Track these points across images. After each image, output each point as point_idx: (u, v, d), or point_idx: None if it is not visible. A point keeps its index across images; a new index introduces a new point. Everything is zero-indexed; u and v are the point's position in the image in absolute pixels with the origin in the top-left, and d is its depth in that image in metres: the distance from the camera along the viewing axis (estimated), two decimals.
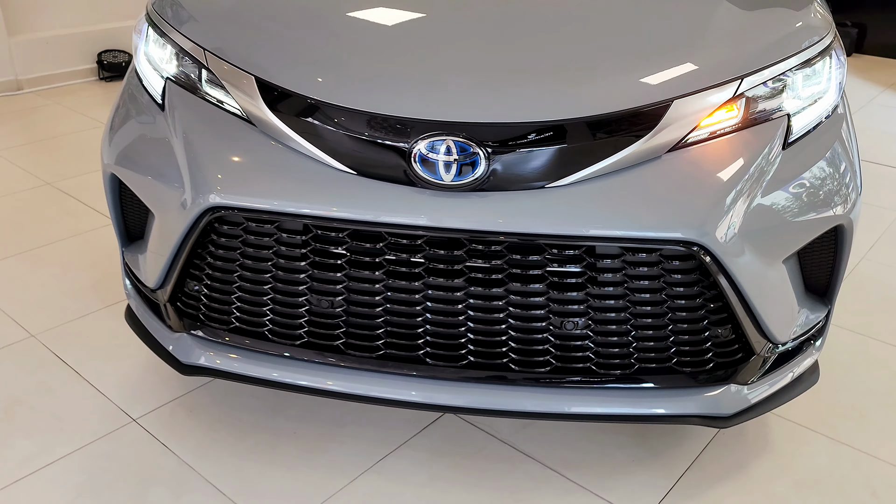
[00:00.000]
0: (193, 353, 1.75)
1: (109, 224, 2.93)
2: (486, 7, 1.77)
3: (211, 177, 1.55)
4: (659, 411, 1.62)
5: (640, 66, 1.52)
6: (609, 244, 1.46)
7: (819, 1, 1.83)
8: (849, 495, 1.79)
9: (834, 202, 1.60)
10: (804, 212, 1.56)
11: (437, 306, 1.56)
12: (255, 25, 1.70)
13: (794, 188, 1.55)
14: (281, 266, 1.59)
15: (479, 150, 1.43)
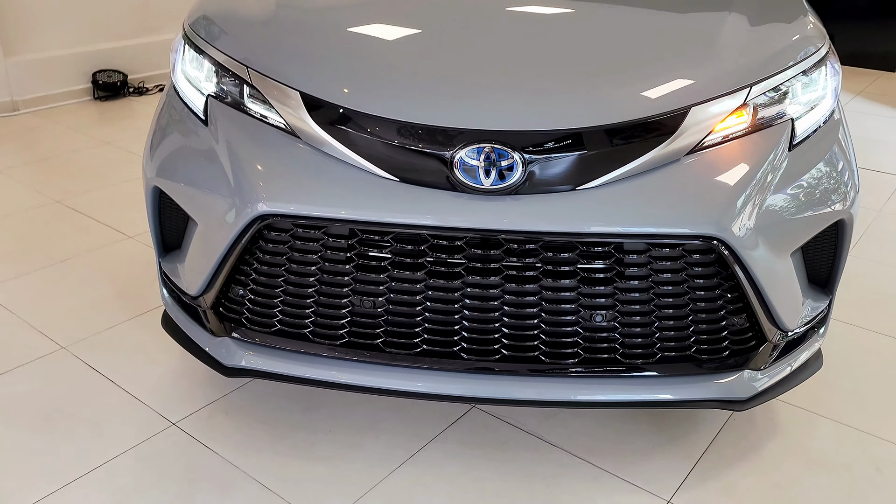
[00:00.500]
0: (236, 355, 1.84)
1: (124, 239, 3.00)
2: (511, 21, 1.89)
3: (260, 187, 1.64)
4: (683, 397, 1.74)
5: (660, 75, 1.65)
6: (636, 241, 1.58)
7: (813, 14, 1.98)
8: (855, 472, 1.92)
9: (835, 199, 1.74)
10: (809, 208, 1.69)
11: (475, 303, 1.67)
12: (297, 43, 1.80)
13: (800, 186, 1.69)
14: (326, 269, 1.69)
15: (516, 157, 1.54)
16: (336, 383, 1.77)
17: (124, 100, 4.86)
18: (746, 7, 1.91)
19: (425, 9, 2.00)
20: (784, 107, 1.72)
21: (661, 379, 1.74)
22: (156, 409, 2.08)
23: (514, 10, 1.95)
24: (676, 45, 1.78)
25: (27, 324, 2.45)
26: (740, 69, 1.69)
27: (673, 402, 1.74)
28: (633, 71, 1.68)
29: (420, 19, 1.91)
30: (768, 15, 1.92)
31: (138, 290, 2.65)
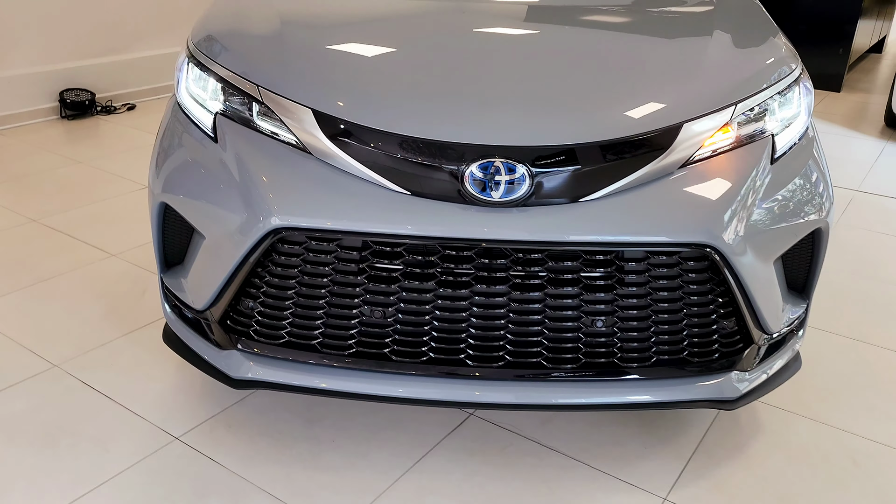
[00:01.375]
0: (244, 367, 1.87)
1: (107, 257, 3.00)
2: (514, 42, 1.99)
3: (274, 201, 1.69)
4: (677, 398, 1.83)
5: (655, 94, 1.76)
6: (636, 249, 1.68)
7: (784, 37, 2.13)
8: (833, 465, 2.04)
9: (813, 209, 1.87)
10: (791, 217, 1.82)
11: (482, 311, 1.74)
12: (308, 62, 1.86)
13: (782, 197, 1.81)
14: (338, 280, 1.74)
15: (523, 170, 1.63)
16: (346, 393, 1.82)
17: (92, 119, 4.82)
18: (726, 30, 2.05)
19: (431, 29, 2.09)
20: (764, 124, 1.85)
21: (656, 381, 1.83)
22: (157, 424, 2.09)
23: (516, 33, 2.05)
24: (667, 66, 1.89)
25: (16, 343, 2.43)
26: (725, 88, 1.81)
27: (667, 403, 1.84)
28: (630, 90, 1.79)
29: (426, 39, 2.00)
30: (746, 38, 2.06)
31: (127, 307, 2.65)
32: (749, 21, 2.19)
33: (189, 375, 2.29)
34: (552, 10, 2.25)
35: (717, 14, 2.18)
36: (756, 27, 2.15)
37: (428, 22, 2.13)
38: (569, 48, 1.98)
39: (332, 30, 2.04)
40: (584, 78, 1.83)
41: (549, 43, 1.99)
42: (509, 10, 2.24)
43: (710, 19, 2.14)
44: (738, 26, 2.13)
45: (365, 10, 2.19)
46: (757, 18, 2.24)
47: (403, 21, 2.14)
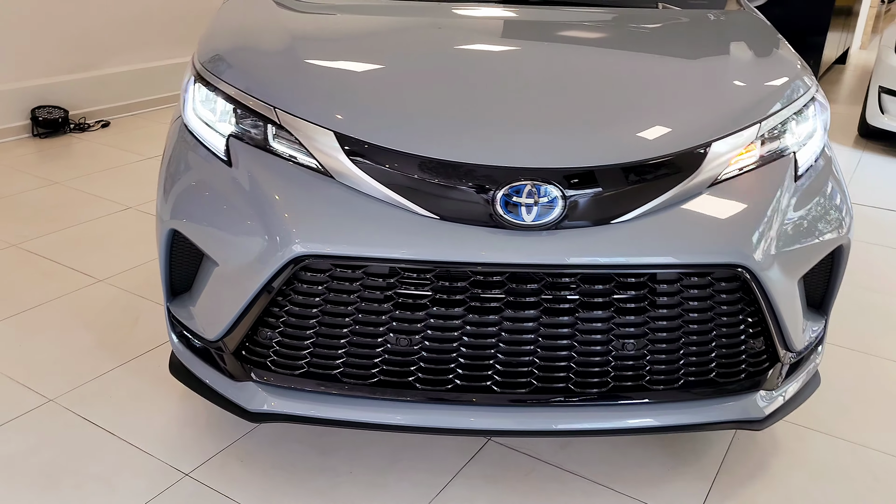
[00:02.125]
0: (261, 399, 1.79)
1: (94, 283, 2.88)
2: (538, 63, 1.96)
3: (296, 227, 1.63)
4: (706, 419, 1.80)
5: (683, 113, 1.75)
6: (669, 271, 1.65)
7: (801, 58, 2.14)
8: (855, 481, 2.03)
9: (836, 225, 1.86)
10: (816, 234, 1.81)
11: (511, 337, 1.70)
12: (329, 83, 1.81)
13: (807, 215, 1.81)
14: (364, 309, 1.68)
15: (556, 193, 1.59)
16: (373, 424, 1.75)
17: (65, 137, 4.68)
18: (743, 48, 2.04)
19: (449, 48, 2.04)
20: (786, 141, 1.84)
21: (685, 404, 1.80)
22: (165, 460, 2.00)
23: (536, 52, 2.02)
24: (692, 84, 1.88)
25: (6, 376, 2.31)
26: (749, 107, 1.81)
27: (696, 425, 1.81)
28: (658, 109, 1.77)
29: (446, 58, 1.95)
30: (763, 55, 2.06)
31: (120, 335, 2.55)
32: (762, 37, 2.20)
33: (193, 407, 2.20)
34: (568, 28, 2.24)
35: (731, 30, 2.19)
36: (770, 43, 2.16)
37: (444, 41, 2.09)
38: (591, 67, 1.95)
39: (347, 49, 1.99)
40: (612, 97, 1.81)
41: (571, 62, 1.97)
42: (527, 29, 2.22)
43: (725, 36, 2.14)
44: (754, 43, 2.13)
45: (376, 29, 2.14)
46: (768, 34, 2.25)
47: (419, 40, 2.10)
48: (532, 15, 2.32)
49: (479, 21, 2.25)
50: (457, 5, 2.33)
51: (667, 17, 2.37)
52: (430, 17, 2.25)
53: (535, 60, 1.98)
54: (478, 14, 2.29)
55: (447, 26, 2.18)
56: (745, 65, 1.98)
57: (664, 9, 2.41)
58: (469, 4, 2.33)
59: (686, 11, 2.41)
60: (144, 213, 3.57)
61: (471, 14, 2.29)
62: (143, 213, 3.58)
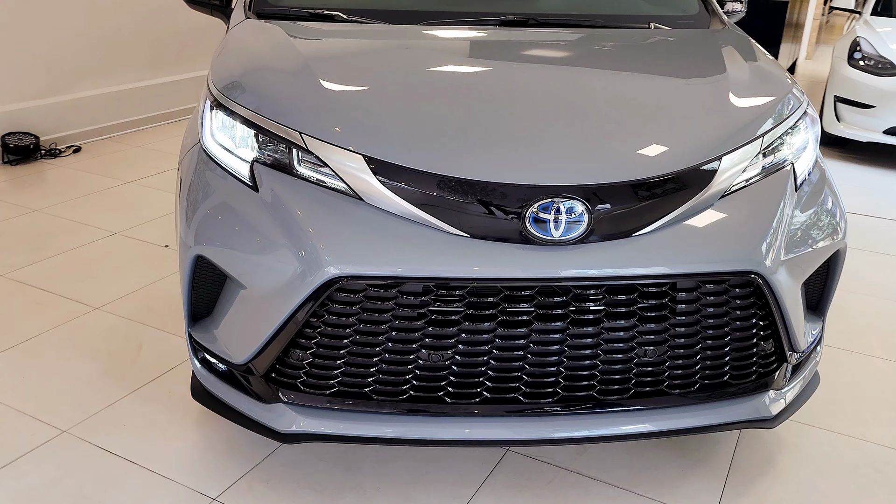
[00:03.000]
0: (292, 420, 1.81)
1: (90, 311, 2.85)
2: (554, 84, 2.04)
3: (330, 250, 1.66)
4: (722, 420, 1.89)
5: (696, 129, 1.84)
6: (689, 279, 1.73)
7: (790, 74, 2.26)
8: (858, 474, 2.14)
9: (834, 231, 1.97)
10: (817, 240, 1.92)
11: (540, 349, 1.75)
12: (355, 108, 1.85)
13: (808, 222, 1.91)
14: (397, 327, 1.72)
15: (583, 209, 1.66)
16: (403, 439, 1.79)
17: (37, 163, 4.59)
18: (739, 67, 2.15)
19: (467, 73, 2.10)
20: (784, 153, 1.95)
21: (702, 406, 1.88)
22: (189, 485, 2.00)
23: (550, 75, 2.11)
24: (700, 102, 1.98)
25: (14, 410, 2.28)
26: (753, 122, 1.91)
27: (714, 426, 1.89)
28: (672, 126, 1.86)
29: (464, 83, 2.01)
30: (758, 72, 2.17)
31: (126, 363, 2.53)
32: (752, 54, 2.31)
33: (212, 432, 2.20)
34: (571, 49, 2.33)
35: (725, 49, 2.30)
36: (761, 60, 2.27)
37: (460, 63, 2.15)
38: (602, 87, 2.04)
39: (366, 74, 2.03)
40: (626, 116, 1.89)
41: (582, 82, 2.05)
42: (535, 50, 2.30)
43: (720, 54, 2.25)
44: (747, 60, 2.24)
45: (390, 53, 2.19)
46: (757, 51, 2.37)
47: (434, 63, 2.15)
48: (535, 37, 2.40)
49: (489, 44, 2.32)
50: (463, 29, 2.39)
51: (663, 37, 2.47)
52: (441, 41, 2.32)
53: (549, 81, 2.06)
54: (486, 37, 2.36)
55: (459, 50, 2.25)
56: (744, 81, 2.09)
57: (656, 28, 2.51)
58: (473, 28, 2.40)
59: (678, 31, 2.52)
60: (131, 239, 3.53)
61: (480, 37, 2.36)
62: (129, 238, 3.54)
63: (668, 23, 2.56)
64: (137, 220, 3.76)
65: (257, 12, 2.43)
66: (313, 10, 2.41)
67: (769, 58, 2.32)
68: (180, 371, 2.49)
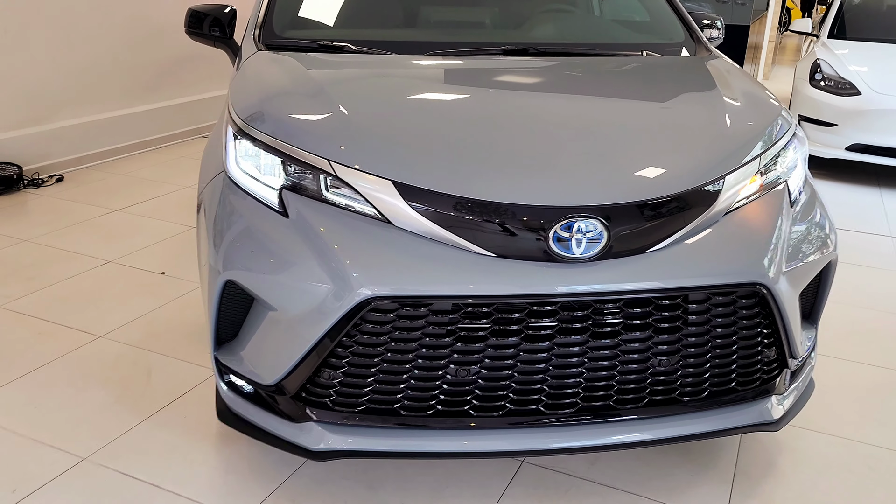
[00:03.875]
0: (324, 438, 1.87)
1: (95, 339, 2.86)
2: (568, 109, 2.16)
3: (363, 271, 1.73)
4: (731, 424, 1.99)
5: (702, 150, 1.97)
6: (701, 292, 1.84)
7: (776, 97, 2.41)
8: (854, 473, 2.26)
9: (826, 243, 2.11)
10: (812, 252, 2.04)
11: (562, 361, 1.84)
12: (378, 134, 1.93)
13: (803, 235, 2.04)
14: (427, 344, 1.79)
15: (602, 227, 1.76)
16: (433, 452, 1.86)
17: (20, 193, 4.57)
18: (733, 91, 2.29)
19: (484, 100, 2.21)
20: (779, 172, 2.08)
21: (712, 412, 1.99)
22: None
23: (563, 101, 2.23)
24: (701, 125, 2.10)
25: (31, 439, 2.28)
26: (751, 142, 2.04)
27: (724, 430, 1.99)
28: (680, 147, 1.98)
29: (482, 109, 2.12)
30: (750, 96, 2.31)
31: (137, 390, 2.55)
32: (742, 79, 2.46)
33: (232, 453, 2.23)
34: (580, 76, 2.46)
35: (717, 74, 2.44)
36: (751, 84, 2.42)
37: (476, 90, 2.26)
38: (611, 111, 2.16)
39: (388, 103, 2.12)
40: (637, 138, 2.01)
41: (593, 108, 2.17)
42: (541, 76, 2.43)
43: (714, 79, 2.39)
44: (738, 84, 2.38)
45: (409, 81, 2.29)
46: (745, 76, 2.52)
47: (450, 90, 2.25)
48: (539, 65, 2.52)
49: (498, 71, 2.44)
50: (470, 58, 2.50)
51: (658, 64, 2.61)
52: (452, 70, 2.42)
53: (561, 107, 2.18)
54: (494, 65, 2.47)
55: (471, 78, 2.36)
56: (740, 105, 2.22)
57: (648, 56, 2.65)
58: (478, 57, 2.51)
59: (671, 59, 2.66)
60: (126, 267, 3.54)
61: (488, 66, 2.47)
62: (124, 266, 3.55)
63: (659, 50, 2.71)
64: (130, 248, 3.77)
65: (267, 44, 2.50)
66: (323, 42, 2.50)
67: (757, 82, 2.47)
68: (194, 395, 2.52)
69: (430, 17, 2.92)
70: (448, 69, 2.43)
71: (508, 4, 3.07)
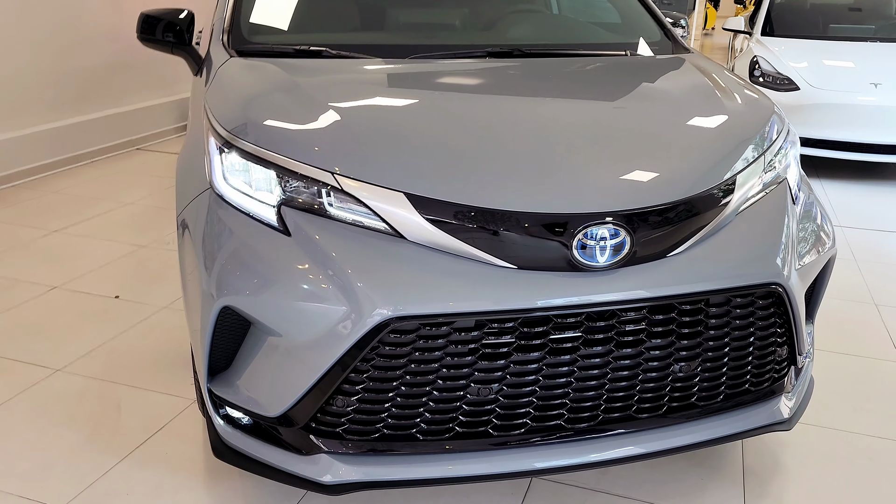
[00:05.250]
0: (338, 470, 1.75)
1: (52, 373, 2.64)
2: (576, 114, 2.10)
3: (382, 290, 1.62)
4: (746, 427, 1.96)
5: (714, 151, 1.93)
6: (721, 294, 1.80)
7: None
8: (857, 465, 2.28)
9: (826, 238, 2.11)
10: (815, 248, 2.04)
11: (585, 373, 1.77)
12: (392, 146, 1.81)
13: (806, 232, 2.04)
14: (450, 364, 1.69)
15: (625, 233, 1.70)
16: (456, 478, 1.76)
17: None
18: (726, 90, 2.28)
19: (485, 106, 2.12)
20: (778, 170, 2.07)
21: (726, 415, 1.95)
22: None
23: (571, 107, 2.17)
24: (707, 125, 2.07)
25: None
26: (755, 141, 2.02)
27: (742, 433, 1.96)
28: (691, 149, 1.94)
29: (483, 114, 2.02)
30: (744, 96, 2.30)
31: (108, 427, 2.35)
32: (731, 78, 2.45)
33: (224, 490, 2.08)
34: (574, 78, 2.40)
35: (710, 73, 2.43)
36: (741, 83, 2.41)
37: (469, 94, 2.17)
38: (618, 115, 2.10)
39: (387, 112, 2.01)
40: (650, 142, 1.95)
41: (599, 111, 2.11)
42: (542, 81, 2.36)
43: (708, 79, 2.37)
44: (731, 84, 2.37)
45: (403, 87, 2.18)
46: (733, 75, 2.51)
47: (446, 95, 2.15)
48: (530, 67, 2.45)
49: (491, 74, 2.36)
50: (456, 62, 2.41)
51: (650, 65, 2.58)
52: (441, 74, 2.33)
53: (567, 110, 2.11)
54: (483, 68, 2.39)
55: (464, 82, 2.27)
56: (738, 103, 2.21)
57: (632, 56, 2.62)
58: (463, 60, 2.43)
59: (657, 58, 2.64)
60: (75, 293, 3.30)
61: (476, 68, 2.39)
62: (72, 292, 3.30)
63: (640, 49, 2.68)
64: (75, 271, 3.52)
65: (238, 50, 2.35)
66: (299, 47, 2.36)
67: (745, 80, 2.47)
68: (172, 429, 2.34)
69: (401, 19, 2.81)
70: (438, 73, 2.33)
71: (478, 5, 3.00)
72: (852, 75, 5.45)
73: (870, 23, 6.48)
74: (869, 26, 6.42)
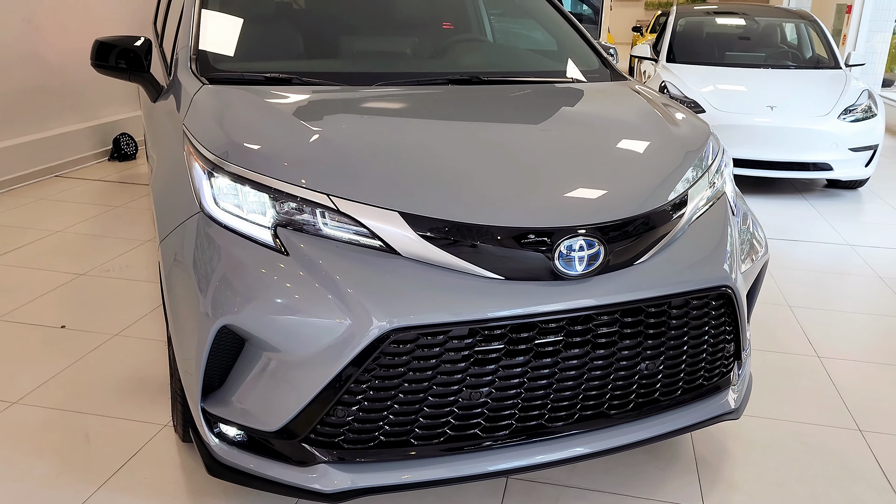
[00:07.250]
0: (339, 479, 1.83)
1: (9, 406, 2.58)
2: (544, 136, 2.27)
3: (382, 304, 1.73)
4: (700, 418, 2.16)
5: (666, 169, 2.14)
6: (682, 297, 2.00)
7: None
8: (791, 448, 2.53)
9: (760, 246, 2.36)
10: (754, 254, 2.29)
11: (566, 374, 1.92)
12: (376, 167, 1.92)
13: (745, 240, 2.28)
14: (445, 370, 1.81)
15: (599, 244, 1.87)
16: (452, 479, 1.87)
17: None
18: (668, 114, 2.51)
19: (461, 128, 2.27)
20: (719, 185, 2.31)
21: (681, 408, 2.15)
22: None
23: (540, 130, 2.33)
24: (659, 145, 2.28)
25: None
26: (700, 158, 2.25)
27: (697, 424, 2.16)
28: (651, 166, 2.14)
29: (469, 136, 2.18)
30: (683, 118, 2.54)
31: (81, 454, 2.33)
32: (670, 103, 2.69)
33: None
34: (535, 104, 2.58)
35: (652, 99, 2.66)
36: (678, 108, 2.66)
37: (445, 119, 2.31)
38: (580, 137, 2.29)
39: (372, 131, 2.12)
40: (614, 161, 2.15)
41: (563, 133, 2.29)
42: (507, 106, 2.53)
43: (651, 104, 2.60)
44: (671, 108, 2.61)
45: (383, 112, 2.30)
46: (670, 101, 2.76)
47: (424, 119, 2.28)
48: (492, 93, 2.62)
49: (460, 100, 2.52)
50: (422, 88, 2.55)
51: (599, 91, 2.79)
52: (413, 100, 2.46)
53: (535, 132, 2.28)
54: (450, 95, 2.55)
55: (437, 108, 2.42)
56: (681, 126, 2.44)
57: (577, 82, 2.83)
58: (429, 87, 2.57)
59: (601, 84, 2.86)
60: (18, 324, 3.20)
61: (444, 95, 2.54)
62: (15, 323, 3.21)
63: (585, 77, 2.90)
64: (15, 302, 3.41)
65: (209, 78, 2.40)
66: (269, 75, 2.44)
67: (680, 105, 2.72)
68: (147, 454, 2.34)
69: (356, 48, 2.93)
70: (409, 99, 2.46)
71: (423, 34, 3.15)
72: (750, 99, 5.93)
73: (759, 51, 7.06)
74: (759, 54, 7.00)
